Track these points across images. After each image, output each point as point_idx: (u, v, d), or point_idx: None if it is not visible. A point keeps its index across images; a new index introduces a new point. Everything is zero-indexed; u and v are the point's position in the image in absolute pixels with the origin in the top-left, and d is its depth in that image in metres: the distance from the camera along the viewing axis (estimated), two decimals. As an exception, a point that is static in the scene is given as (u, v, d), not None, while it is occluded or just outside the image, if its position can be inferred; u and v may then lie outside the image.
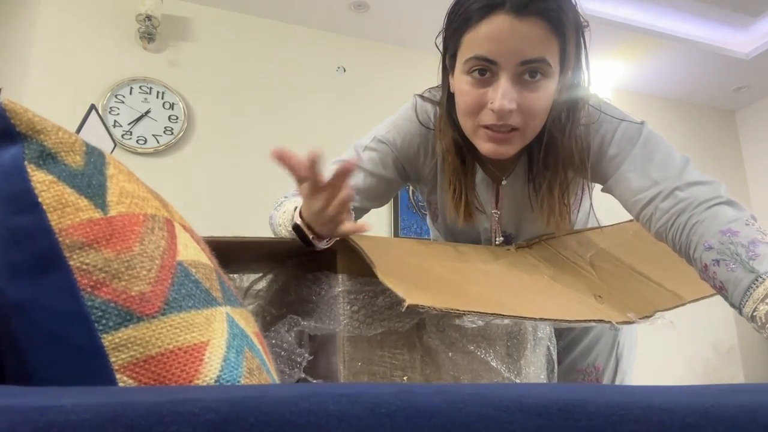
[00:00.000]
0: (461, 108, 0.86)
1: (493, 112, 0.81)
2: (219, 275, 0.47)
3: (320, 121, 3.15)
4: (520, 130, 0.83)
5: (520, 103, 0.80)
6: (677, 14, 3.22)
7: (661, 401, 0.30)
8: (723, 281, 0.72)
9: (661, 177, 0.82)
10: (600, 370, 1.09)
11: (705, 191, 0.78)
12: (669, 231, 0.80)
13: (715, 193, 0.78)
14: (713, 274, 0.73)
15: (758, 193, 4.11)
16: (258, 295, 0.93)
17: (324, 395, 0.27)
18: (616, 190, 0.88)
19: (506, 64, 0.79)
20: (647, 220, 0.83)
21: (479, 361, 0.81)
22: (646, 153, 0.85)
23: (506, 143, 0.84)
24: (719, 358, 3.72)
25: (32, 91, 2.63)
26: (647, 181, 0.83)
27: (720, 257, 0.72)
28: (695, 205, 0.77)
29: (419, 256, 0.88)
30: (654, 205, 0.82)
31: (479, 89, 0.82)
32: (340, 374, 0.76)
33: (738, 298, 0.70)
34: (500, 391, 0.30)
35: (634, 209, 0.86)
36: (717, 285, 0.74)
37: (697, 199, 0.78)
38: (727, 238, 0.72)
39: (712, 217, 0.75)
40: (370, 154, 0.98)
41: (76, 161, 0.40)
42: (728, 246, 0.71)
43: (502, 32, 0.77)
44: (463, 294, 0.77)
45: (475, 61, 0.80)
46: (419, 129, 0.98)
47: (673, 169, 0.83)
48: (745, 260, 0.69)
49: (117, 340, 0.36)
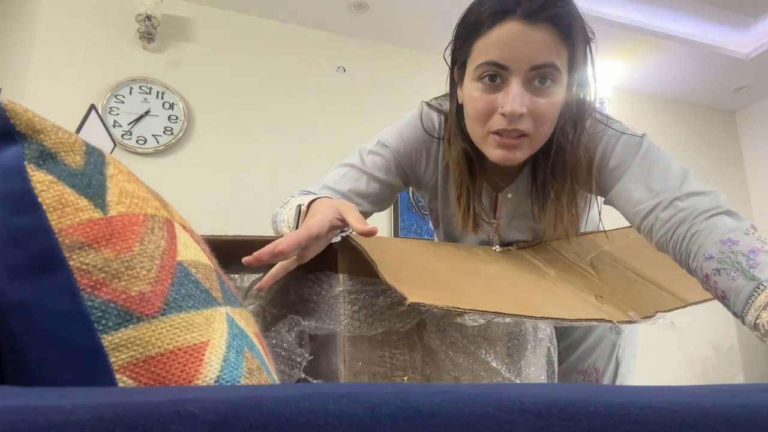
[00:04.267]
0: (471, 114, 0.86)
1: (503, 116, 0.81)
2: (219, 275, 0.47)
3: (320, 121, 3.15)
4: (529, 136, 0.83)
5: (531, 108, 0.81)
6: (677, 14, 3.22)
7: (661, 401, 0.30)
8: (724, 290, 0.72)
9: (661, 188, 0.82)
10: (600, 372, 1.09)
11: (704, 201, 0.79)
12: (669, 241, 0.80)
13: (714, 203, 0.78)
14: (714, 283, 0.73)
15: (758, 193, 4.11)
16: (258, 295, 0.93)
17: (324, 395, 0.27)
18: (617, 201, 0.89)
19: (517, 70, 0.80)
20: (648, 230, 0.84)
21: (480, 361, 0.81)
22: (646, 164, 0.86)
23: (516, 149, 0.84)
24: (719, 358, 3.72)
25: (32, 91, 2.63)
26: (647, 192, 0.83)
27: (721, 266, 0.72)
28: (695, 215, 0.78)
29: (421, 256, 0.87)
30: (654, 215, 0.82)
31: (490, 95, 0.82)
32: (341, 374, 0.76)
33: (740, 306, 0.69)
34: (500, 391, 0.30)
35: (635, 220, 0.86)
36: (719, 294, 0.73)
37: (696, 210, 0.78)
38: (728, 248, 0.72)
39: (711, 227, 0.75)
40: (374, 158, 0.98)
41: (76, 161, 0.40)
42: (728, 255, 0.71)
43: (513, 38, 0.78)
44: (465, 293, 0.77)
45: (486, 67, 0.81)
46: (423, 136, 0.98)
47: (673, 179, 0.83)
48: (745, 269, 0.69)
49: (117, 340, 0.36)
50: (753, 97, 4.11)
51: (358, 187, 0.96)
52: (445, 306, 0.66)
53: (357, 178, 0.97)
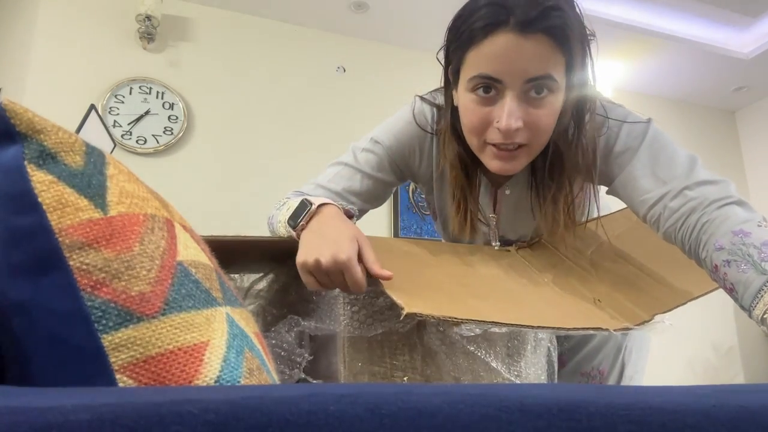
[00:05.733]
0: (467, 126, 0.85)
1: (499, 131, 0.80)
2: (219, 275, 0.47)
3: (320, 121, 3.15)
4: (527, 146, 0.82)
5: (527, 120, 0.79)
6: (677, 14, 3.22)
7: (661, 402, 0.30)
8: (734, 282, 0.70)
9: (669, 176, 0.81)
10: (604, 374, 1.07)
11: (715, 191, 0.77)
12: (678, 231, 0.79)
13: (725, 193, 0.76)
14: (724, 275, 0.72)
15: (758, 193, 4.11)
16: (259, 295, 0.93)
17: (324, 396, 0.27)
18: (623, 190, 0.87)
19: (512, 83, 0.78)
20: (655, 220, 0.82)
21: (480, 361, 0.81)
22: (652, 152, 0.84)
23: (513, 160, 0.83)
24: (719, 359, 3.72)
25: (32, 91, 2.63)
26: (655, 180, 0.82)
27: (731, 258, 0.70)
28: (706, 205, 0.76)
29: (419, 261, 0.87)
30: (662, 204, 0.80)
31: (484, 107, 0.81)
32: (341, 374, 0.76)
33: (748, 300, 0.68)
34: (501, 391, 0.30)
35: (641, 209, 0.84)
36: (727, 286, 0.72)
37: (707, 199, 0.76)
38: (739, 239, 0.70)
39: (723, 217, 0.74)
40: (367, 156, 0.97)
41: (76, 161, 0.40)
42: (740, 247, 0.70)
43: (507, 51, 0.76)
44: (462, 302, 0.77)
45: (480, 80, 0.79)
46: (416, 131, 0.97)
47: (681, 167, 0.81)
48: (757, 261, 0.68)
49: (117, 340, 0.36)
50: (753, 97, 4.11)
51: (351, 185, 0.96)
52: (441, 316, 0.67)
53: (350, 177, 0.97)
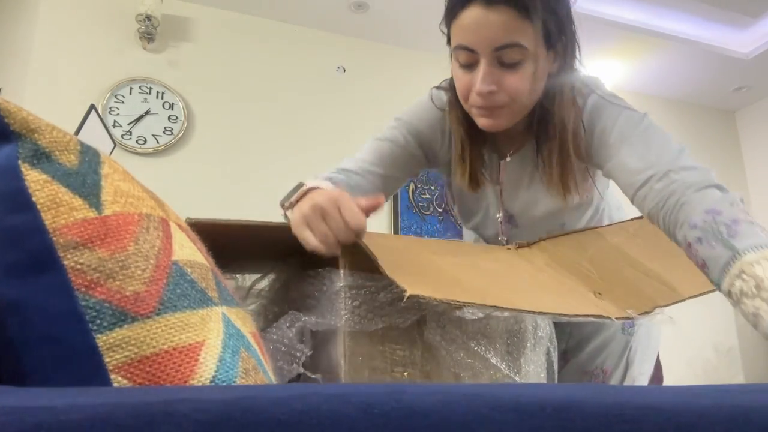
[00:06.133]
0: (458, 93, 0.94)
1: (477, 95, 0.89)
2: (215, 275, 0.47)
3: (320, 121, 3.15)
4: (507, 106, 0.90)
5: (503, 85, 0.87)
6: (677, 14, 3.21)
7: (656, 402, 0.30)
8: (705, 258, 0.74)
9: (658, 160, 0.85)
10: (608, 373, 1.06)
11: (696, 175, 0.81)
12: (660, 211, 0.82)
13: (705, 177, 0.80)
14: (695, 251, 0.75)
15: (758, 193, 4.11)
16: (260, 294, 0.93)
17: (317, 396, 0.27)
18: (615, 172, 0.91)
19: (483, 52, 0.86)
20: (641, 201, 0.86)
21: (479, 358, 0.81)
22: (645, 138, 0.89)
23: (497, 117, 0.91)
24: (719, 359, 3.72)
25: (32, 91, 2.63)
26: (644, 163, 0.86)
27: (702, 235, 0.74)
28: (685, 187, 0.80)
29: (421, 252, 0.88)
30: (649, 186, 0.84)
31: (466, 75, 0.90)
32: (341, 369, 0.76)
33: (717, 275, 0.71)
34: (495, 391, 0.30)
35: (630, 191, 0.88)
36: (699, 263, 0.75)
37: (687, 182, 0.80)
38: (711, 218, 0.74)
39: (699, 199, 0.77)
40: (393, 132, 1.04)
41: (70, 160, 0.40)
42: (711, 225, 0.73)
43: (475, 22, 0.85)
44: (464, 287, 0.78)
45: (459, 50, 0.88)
46: (436, 113, 1.04)
47: (670, 153, 0.85)
48: (725, 238, 0.71)
49: (111, 340, 0.36)
50: (753, 97, 4.10)
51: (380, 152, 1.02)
52: (443, 299, 0.68)
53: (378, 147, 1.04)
